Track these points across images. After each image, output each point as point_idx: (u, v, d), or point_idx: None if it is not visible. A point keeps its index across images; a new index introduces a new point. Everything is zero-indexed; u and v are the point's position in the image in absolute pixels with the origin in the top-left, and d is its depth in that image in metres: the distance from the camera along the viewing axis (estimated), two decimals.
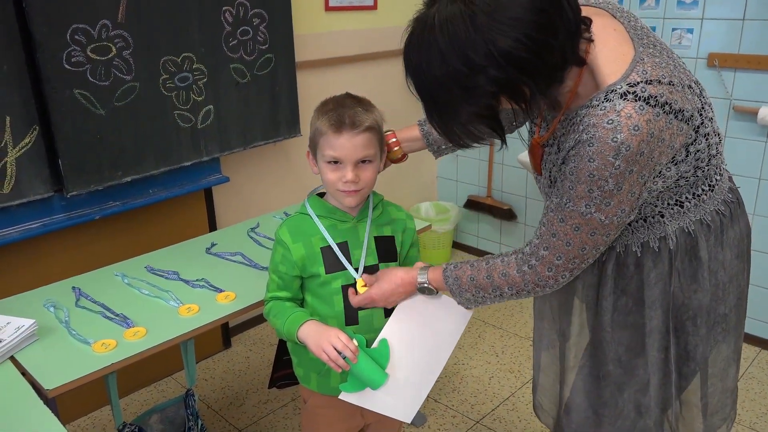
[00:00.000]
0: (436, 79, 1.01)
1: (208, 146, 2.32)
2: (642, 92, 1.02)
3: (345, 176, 1.30)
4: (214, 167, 2.45)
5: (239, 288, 1.67)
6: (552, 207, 1.13)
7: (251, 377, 2.56)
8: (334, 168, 1.32)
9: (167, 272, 1.76)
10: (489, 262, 1.22)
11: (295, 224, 1.39)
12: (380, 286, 1.32)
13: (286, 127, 2.57)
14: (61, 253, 2.17)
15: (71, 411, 2.33)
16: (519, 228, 3.35)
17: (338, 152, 1.30)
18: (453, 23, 0.97)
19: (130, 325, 1.51)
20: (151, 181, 2.24)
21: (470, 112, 1.03)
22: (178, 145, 2.22)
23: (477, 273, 1.22)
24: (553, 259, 1.14)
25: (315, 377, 1.44)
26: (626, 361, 1.25)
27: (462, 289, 1.24)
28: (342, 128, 1.29)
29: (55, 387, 1.30)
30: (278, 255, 1.38)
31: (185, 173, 2.34)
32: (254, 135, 2.46)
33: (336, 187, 1.32)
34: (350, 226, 1.40)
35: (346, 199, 1.34)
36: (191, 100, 2.22)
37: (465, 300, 1.26)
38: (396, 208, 1.50)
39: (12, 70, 1.82)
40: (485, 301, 1.24)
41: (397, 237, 1.45)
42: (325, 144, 1.31)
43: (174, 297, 1.63)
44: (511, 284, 1.19)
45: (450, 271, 1.27)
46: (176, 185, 2.33)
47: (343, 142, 1.29)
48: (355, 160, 1.31)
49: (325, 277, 1.37)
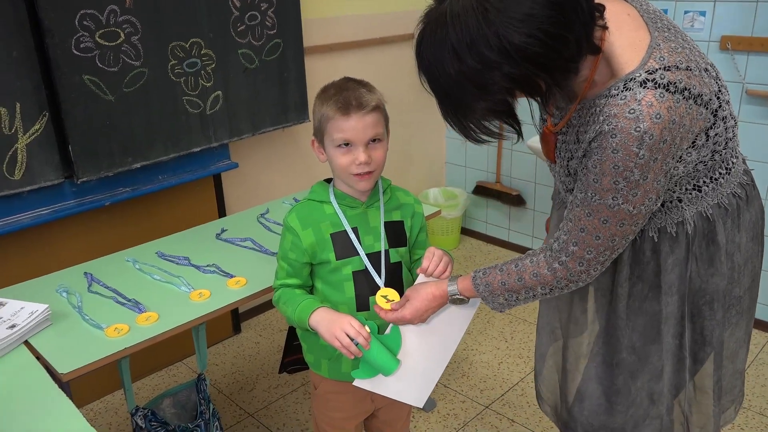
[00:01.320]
0: (449, 76, 1.00)
1: (217, 132, 2.32)
2: (661, 79, 1.01)
3: (358, 158, 1.30)
4: (223, 153, 2.45)
5: (250, 273, 1.68)
6: (577, 202, 1.12)
7: (261, 362, 2.58)
8: (345, 151, 1.31)
9: (178, 258, 1.77)
10: (518, 265, 1.22)
11: (304, 211, 1.39)
12: (413, 305, 1.31)
13: (295, 112, 2.56)
14: (72, 239, 2.18)
15: (84, 395, 2.36)
16: (528, 214, 3.34)
17: (349, 134, 1.29)
18: (465, 19, 0.96)
19: (142, 310, 1.52)
20: (160, 167, 2.25)
21: (485, 107, 1.03)
22: (187, 131, 2.23)
23: (508, 277, 1.21)
24: (584, 254, 1.13)
25: (325, 363, 1.45)
26: (640, 349, 1.25)
27: (494, 294, 1.24)
28: (350, 110, 1.28)
29: (69, 371, 1.32)
30: (287, 242, 1.38)
31: (194, 159, 2.35)
32: (263, 121, 2.46)
33: (349, 171, 1.32)
34: (360, 212, 1.39)
35: (360, 184, 1.33)
36: (200, 85, 2.22)
37: (498, 305, 1.25)
38: (404, 193, 1.49)
39: (21, 56, 1.82)
40: (518, 303, 1.24)
41: (406, 222, 1.45)
42: (334, 128, 1.30)
43: (185, 282, 1.64)
44: (543, 283, 1.19)
45: (480, 278, 1.25)
46: (185, 171, 2.34)
47: (353, 124, 1.29)
48: (366, 140, 1.30)
49: (336, 264, 1.37)
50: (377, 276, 1.38)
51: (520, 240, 3.42)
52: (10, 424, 1.15)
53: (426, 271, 1.35)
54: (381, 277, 1.38)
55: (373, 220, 1.40)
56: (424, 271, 1.35)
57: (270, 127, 2.50)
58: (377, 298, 1.37)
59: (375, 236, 1.39)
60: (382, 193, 1.43)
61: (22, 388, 1.25)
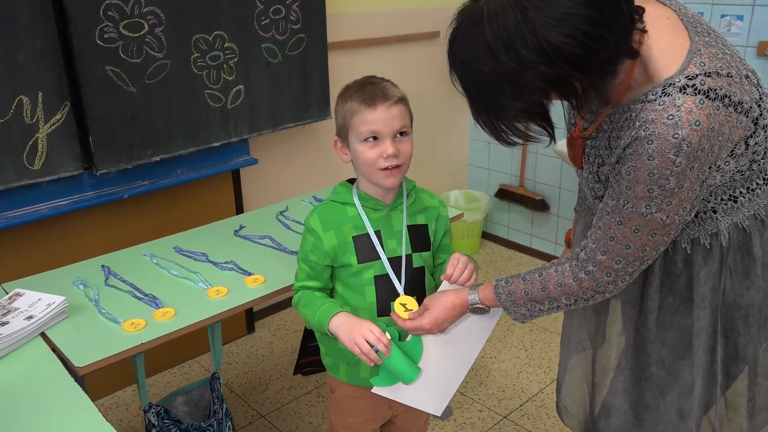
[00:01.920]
0: (483, 75, 0.99)
1: (238, 127, 2.33)
2: (701, 85, 1.00)
3: (386, 150, 1.29)
4: (242, 148, 2.46)
5: (268, 272, 1.68)
6: (608, 209, 1.11)
7: (275, 363, 2.59)
8: (372, 145, 1.31)
9: (196, 253, 1.78)
10: (542, 274, 1.21)
11: (326, 212, 1.39)
12: (432, 315, 1.31)
13: (317, 109, 2.57)
14: (90, 230, 2.20)
15: (95, 390, 2.38)
16: (552, 219, 3.32)
17: (376, 126, 1.29)
18: (502, 17, 0.95)
19: (159, 305, 1.53)
20: (179, 161, 2.26)
21: (519, 108, 1.02)
22: (207, 125, 2.24)
23: (531, 286, 1.21)
24: (612, 264, 1.12)
25: (344, 367, 1.45)
26: (670, 363, 1.23)
27: (516, 304, 1.23)
28: (376, 101, 1.29)
29: (86, 365, 1.33)
30: (308, 244, 1.38)
31: (214, 154, 2.36)
32: (284, 116, 2.47)
33: (377, 165, 1.31)
34: (383, 215, 1.39)
35: (388, 179, 1.32)
36: (222, 79, 2.24)
37: (520, 315, 1.24)
38: (429, 195, 1.49)
39: (45, 45, 1.84)
40: (541, 313, 1.23)
41: (431, 225, 1.45)
42: (360, 121, 1.30)
43: (203, 279, 1.65)
44: (568, 294, 1.18)
45: (502, 287, 1.25)
46: (204, 166, 2.35)
47: (380, 115, 1.29)
48: (394, 131, 1.30)
49: (357, 267, 1.37)
50: (397, 282, 1.37)
51: (542, 246, 3.40)
52: (26, 415, 1.16)
53: (450, 279, 1.35)
54: (401, 283, 1.38)
55: (397, 224, 1.40)
56: (448, 278, 1.35)
57: (290, 124, 2.51)
58: (395, 306, 1.37)
59: (398, 240, 1.39)
60: (406, 195, 1.43)
61: (38, 380, 1.26)
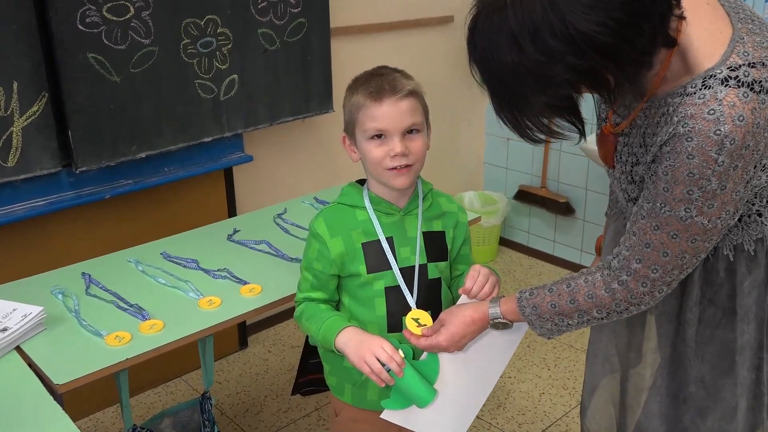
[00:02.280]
0: (506, 66, 1.01)
1: (231, 120, 2.36)
2: (745, 77, 1.01)
3: (393, 149, 1.31)
4: (236, 144, 2.49)
5: (265, 280, 1.70)
6: (643, 213, 1.12)
7: (270, 382, 2.61)
8: (378, 143, 1.32)
9: (185, 260, 1.80)
10: (570, 285, 1.21)
11: (333, 216, 1.40)
12: (449, 331, 1.31)
13: (318, 101, 2.59)
14: (69, 234, 2.23)
15: (71, 412, 2.40)
16: (577, 224, 3.34)
17: (382, 122, 1.30)
18: (528, 3, 0.97)
19: (146, 317, 1.55)
20: (167, 157, 2.29)
21: (545, 103, 1.04)
22: (198, 118, 2.27)
23: (558, 298, 1.21)
24: (648, 273, 1.13)
25: (350, 388, 1.46)
26: (711, 382, 1.24)
27: (542, 318, 1.23)
28: (382, 95, 1.30)
29: (66, 382, 1.35)
30: (313, 251, 1.39)
31: (205, 150, 2.39)
32: (282, 109, 2.49)
33: (383, 165, 1.33)
34: (396, 220, 1.40)
35: (397, 180, 1.34)
36: (214, 68, 2.26)
37: (546, 330, 1.25)
38: (447, 199, 1.50)
39: (21, 30, 1.87)
40: (569, 328, 1.24)
41: (448, 232, 1.46)
42: (366, 117, 1.32)
43: (193, 288, 1.67)
44: (600, 306, 1.18)
45: (526, 299, 1.25)
46: (194, 163, 2.38)
47: (387, 110, 1.30)
48: (402, 129, 1.31)
49: (367, 277, 1.37)
50: (409, 294, 1.38)
51: (566, 254, 3.42)
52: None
53: (469, 292, 1.36)
54: (414, 295, 1.39)
55: (411, 230, 1.41)
56: (467, 291, 1.36)
57: (289, 117, 2.53)
58: (407, 322, 1.37)
59: (412, 248, 1.40)
60: (422, 198, 1.44)
61: (14, 398, 1.27)
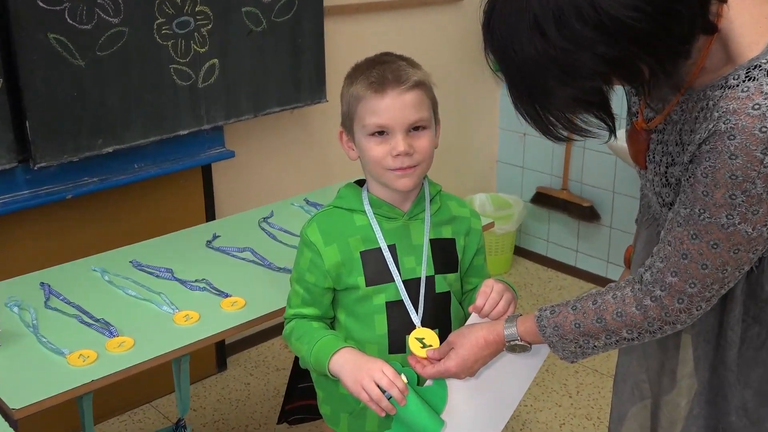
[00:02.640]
0: (528, 56, 1.01)
1: (210, 111, 2.35)
2: None
3: (395, 147, 1.31)
4: (216, 138, 2.48)
5: (249, 293, 1.70)
6: (679, 220, 1.12)
7: (252, 409, 2.60)
8: (379, 140, 1.32)
9: (159, 269, 1.80)
10: (597, 301, 1.21)
11: (328, 221, 1.40)
12: (459, 354, 1.31)
13: (310, 90, 2.59)
14: (26, 239, 2.21)
15: None
16: (602, 231, 3.33)
17: (383, 117, 1.31)
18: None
19: (114, 333, 1.54)
20: (137, 153, 2.28)
21: (571, 96, 1.04)
22: (173, 108, 2.26)
23: (583, 317, 1.21)
24: (685, 287, 1.13)
25: (346, 418, 1.45)
26: (754, 411, 1.23)
27: (564, 339, 1.23)
28: (385, 86, 1.30)
29: (23, 406, 1.33)
30: (305, 261, 1.39)
31: (180, 144, 2.38)
32: (269, 99, 2.49)
33: (384, 165, 1.33)
34: (400, 225, 1.40)
35: (399, 181, 1.34)
36: (192, 51, 2.26)
37: (569, 353, 1.25)
38: (458, 203, 1.50)
39: None
40: (595, 351, 1.23)
41: (459, 240, 1.45)
42: (366, 111, 1.32)
43: (168, 301, 1.66)
44: (630, 326, 1.18)
45: (546, 318, 1.24)
46: (169, 160, 2.37)
47: (389, 104, 1.30)
48: (406, 125, 1.32)
49: (366, 291, 1.37)
50: (413, 310, 1.38)
51: (590, 265, 3.41)
52: None
53: (481, 311, 1.35)
54: (418, 312, 1.38)
55: (417, 237, 1.41)
56: (479, 310, 1.35)
57: (277, 108, 2.52)
58: (410, 342, 1.37)
59: (417, 257, 1.40)
60: (429, 201, 1.43)
61: None
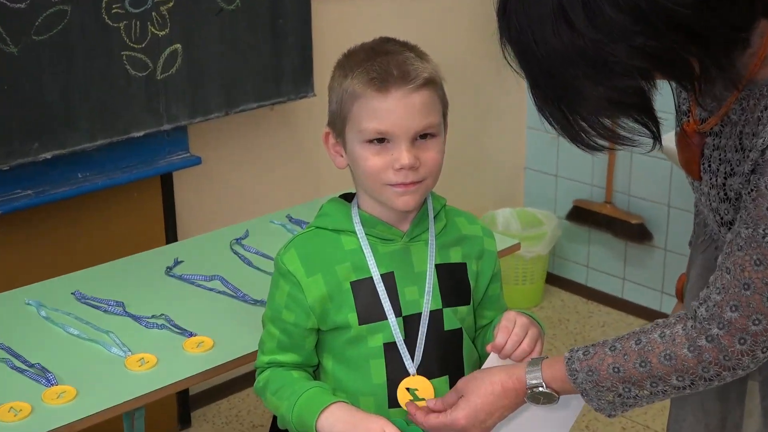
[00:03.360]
0: (552, 50, 1.03)
1: (172, 108, 2.37)
2: None
3: (398, 160, 1.31)
4: (178, 141, 2.50)
5: (218, 331, 1.71)
6: (740, 243, 1.13)
7: None
8: (378, 150, 1.33)
9: (107, 302, 1.81)
10: (641, 340, 1.22)
11: (308, 245, 1.41)
12: (471, 404, 1.30)
13: (293, 82, 2.61)
14: None
15: None
16: (656, 255, 3.34)
17: (385, 122, 1.31)
18: None
19: (53, 381, 1.55)
20: (81, 159, 2.30)
21: (606, 97, 1.06)
22: (125, 105, 2.28)
23: (623, 360, 1.22)
24: (748, 324, 1.14)
25: None
26: None
27: (601, 387, 1.24)
28: (389, 83, 1.31)
29: None
30: (281, 296, 1.40)
31: (135, 149, 2.40)
32: (242, 93, 2.51)
33: (383, 179, 1.34)
34: (397, 249, 1.41)
35: (400, 200, 1.35)
36: (149, 35, 2.28)
37: (606, 404, 1.26)
38: (467, 219, 1.51)
39: None
40: (638, 402, 1.24)
41: (471, 265, 1.47)
42: (364, 112, 1.33)
43: (118, 342, 1.67)
44: (681, 371, 1.18)
45: (578, 360, 1.25)
46: (120, 168, 2.39)
47: (393, 106, 1.31)
48: (412, 133, 1.32)
49: (359, 330, 1.37)
50: (407, 354, 1.39)
51: (641, 297, 3.42)
52: None
53: (501, 350, 1.35)
54: (414, 357, 1.39)
55: (419, 262, 1.42)
56: (499, 349, 1.35)
57: (254, 104, 2.54)
58: (399, 394, 1.38)
59: (420, 288, 1.41)
60: (434, 218, 1.45)
61: None
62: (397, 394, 1.38)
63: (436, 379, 1.41)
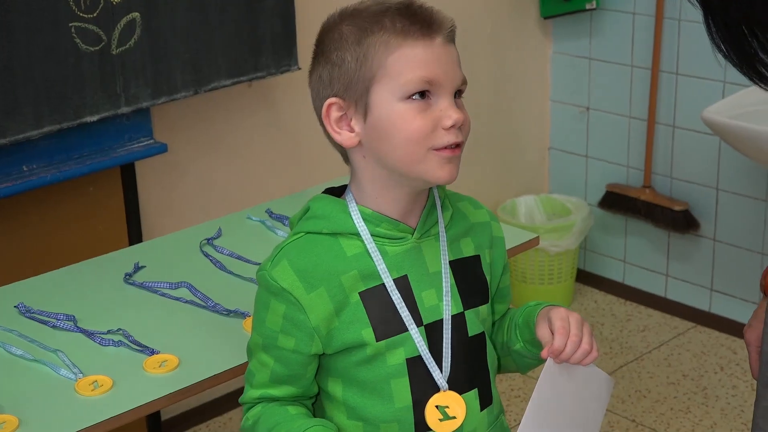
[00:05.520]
0: None
1: (131, 88, 2.37)
2: None
3: (450, 114, 1.31)
4: (140, 126, 2.50)
5: (185, 348, 1.71)
6: None
7: None
8: (422, 107, 1.32)
9: (56, 316, 1.81)
10: None
11: (304, 253, 1.38)
12: None
13: (273, 53, 2.61)
14: None
15: None
16: (703, 246, 3.34)
17: (434, 69, 1.32)
18: None
19: None
20: (26, 149, 2.30)
21: None
22: (76, 84, 2.28)
23: None
24: None
25: None
26: None
27: None
28: (432, 29, 1.32)
29: None
30: (276, 318, 1.38)
31: (88, 136, 2.40)
32: (214, 68, 2.51)
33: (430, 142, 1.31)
34: (410, 248, 1.41)
35: (445, 168, 1.33)
36: (101, 2, 2.27)
37: None
38: (471, 204, 1.52)
39: None
40: None
41: (484, 256, 1.48)
42: (404, 62, 1.31)
43: (68, 362, 1.67)
44: None
45: None
46: (72, 158, 2.39)
47: (438, 53, 1.32)
48: (458, 83, 1.34)
49: (377, 347, 1.37)
50: (435, 367, 1.39)
51: (686, 296, 3.42)
52: None
53: (559, 354, 1.35)
54: (443, 369, 1.40)
55: (433, 261, 1.42)
56: (558, 352, 1.35)
57: (227, 80, 2.55)
58: (427, 414, 1.38)
59: (438, 290, 1.41)
60: (441, 207, 1.45)
61: None
62: (425, 414, 1.38)
63: (465, 393, 1.41)
